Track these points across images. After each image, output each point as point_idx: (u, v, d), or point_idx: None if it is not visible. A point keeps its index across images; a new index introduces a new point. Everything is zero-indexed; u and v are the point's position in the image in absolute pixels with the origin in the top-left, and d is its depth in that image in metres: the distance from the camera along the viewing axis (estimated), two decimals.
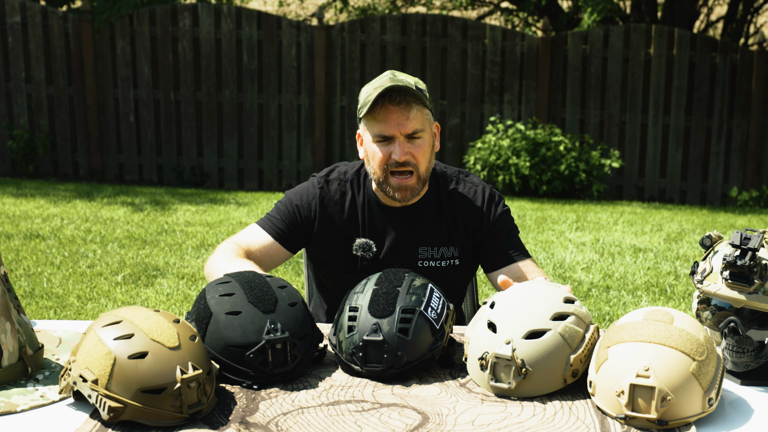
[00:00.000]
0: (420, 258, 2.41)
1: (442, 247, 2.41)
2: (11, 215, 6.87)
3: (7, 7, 8.85)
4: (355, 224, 2.41)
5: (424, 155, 2.32)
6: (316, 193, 2.42)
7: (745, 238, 1.83)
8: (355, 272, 2.39)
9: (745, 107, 8.91)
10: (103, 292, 4.91)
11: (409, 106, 2.27)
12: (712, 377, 1.70)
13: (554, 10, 11.17)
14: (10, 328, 1.80)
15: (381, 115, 2.28)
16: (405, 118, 2.27)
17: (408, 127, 2.28)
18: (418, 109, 2.29)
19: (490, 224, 2.42)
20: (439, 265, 2.41)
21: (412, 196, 2.34)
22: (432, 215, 2.42)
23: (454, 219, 2.43)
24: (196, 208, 7.58)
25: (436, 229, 2.42)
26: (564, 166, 8.46)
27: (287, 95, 9.09)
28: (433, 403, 1.75)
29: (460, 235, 2.42)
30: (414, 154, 2.30)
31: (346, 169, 2.48)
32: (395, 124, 2.27)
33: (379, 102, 2.27)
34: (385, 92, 2.25)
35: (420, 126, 2.30)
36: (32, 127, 9.06)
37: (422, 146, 2.31)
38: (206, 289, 1.92)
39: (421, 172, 2.32)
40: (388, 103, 2.27)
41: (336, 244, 2.41)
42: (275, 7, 15.01)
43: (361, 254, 2.38)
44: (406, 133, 2.28)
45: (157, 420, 1.62)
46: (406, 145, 2.29)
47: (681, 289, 5.33)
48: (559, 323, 1.80)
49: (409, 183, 2.32)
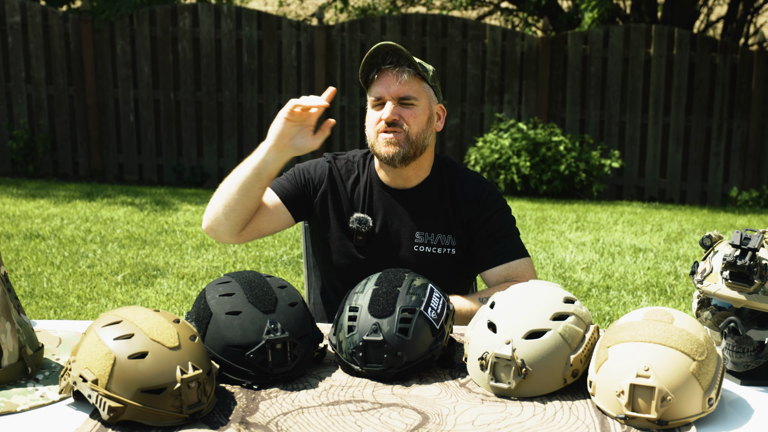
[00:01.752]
0: (416, 243, 2.41)
1: (440, 234, 2.41)
2: (11, 215, 6.87)
3: (7, 7, 8.85)
4: (356, 200, 2.44)
5: (416, 120, 2.33)
6: (326, 165, 2.46)
7: (745, 238, 1.83)
8: (349, 254, 2.41)
9: (745, 107, 8.91)
10: (103, 292, 4.91)
11: (402, 69, 2.30)
12: (712, 377, 1.70)
13: (554, 10, 11.18)
14: (10, 328, 1.80)
15: (376, 80, 2.33)
16: (395, 80, 2.30)
17: (400, 91, 2.30)
18: (412, 76, 2.31)
19: (483, 219, 2.40)
20: (435, 252, 2.41)
21: (398, 155, 2.33)
22: (432, 201, 2.43)
23: (452, 208, 2.42)
24: (196, 208, 7.58)
25: (435, 215, 2.42)
26: (564, 166, 8.46)
27: (287, 95, 9.09)
28: (433, 403, 1.75)
29: (457, 225, 2.42)
30: (404, 116, 2.31)
31: (355, 152, 2.52)
32: (386, 84, 2.31)
33: (374, 66, 2.31)
34: (377, 52, 2.29)
35: (413, 93, 2.32)
36: (32, 127, 9.06)
37: (414, 112, 2.32)
38: (206, 289, 1.93)
39: (411, 134, 2.32)
40: (382, 66, 2.31)
41: (335, 215, 2.43)
42: (275, 7, 15.01)
43: (356, 227, 2.40)
44: (398, 95, 2.30)
45: (157, 420, 1.62)
46: (397, 108, 2.32)
47: (681, 289, 5.33)
48: (559, 323, 1.80)
49: (397, 138, 2.31)
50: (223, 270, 5.48)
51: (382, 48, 2.28)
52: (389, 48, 2.28)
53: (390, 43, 2.28)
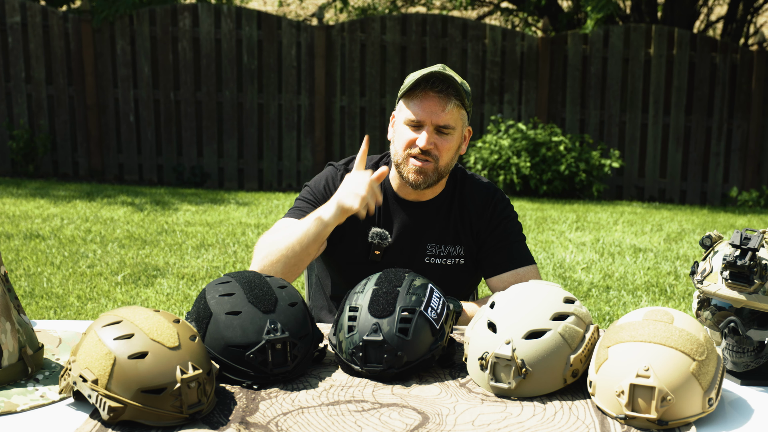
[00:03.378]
0: (427, 255, 2.41)
1: (449, 245, 2.42)
2: (11, 215, 6.87)
3: (7, 7, 8.85)
4: (373, 213, 2.40)
5: (448, 151, 2.32)
6: (338, 176, 2.43)
7: (745, 238, 1.83)
8: (363, 263, 2.39)
9: (745, 107, 8.91)
10: (103, 292, 4.91)
11: (449, 98, 2.28)
12: (712, 377, 1.70)
13: (554, 10, 11.17)
14: (10, 328, 1.80)
15: (418, 99, 2.29)
16: (441, 109, 2.28)
17: (441, 119, 2.28)
18: (455, 105, 2.29)
19: (492, 227, 2.41)
20: (445, 263, 2.41)
21: (425, 183, 2.33)
22: (444, 213, 2.43)
23: (461, 218, 2.43)
24: (196, 208, 7.58)
25: (445, 226, 2.42)
26: (564, 166, 8.46)
27: (287, 95, 9.09)
28: (433, 403, 1.75)
29: (467, 234, 2.43)
30: (438, 146, 2.30)
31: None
32: (429, 111, 2.28)
33: (421, 85, 2.28)
34: (430, 76, 2.26)
35: (453, 123, 2.30)
36: (32, 127, 9.06)
37: (449, 141, 2.31)
38: (206, 289, 1.93)
39: (440, 165, 2.32)
40: (429, 89, 2.28)
41: (352, 228, 2.40)
42: (275, 7, 15.01)
43: (377, 242, 2.38)
44: (438, 124, 2.29)
45: (157, 420, 1.62)
46: (434, 136, 2.30)
47: (681, 289, 5.33)
48: (559, 323, 1.80)
49: (427, 168, 2.31)
50: (223, 270, 5.48)
51: (435, 74, 2.25)
52: (441, 75, 2.26)
53: (442, 72, 2.26)
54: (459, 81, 2.29)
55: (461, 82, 2.30)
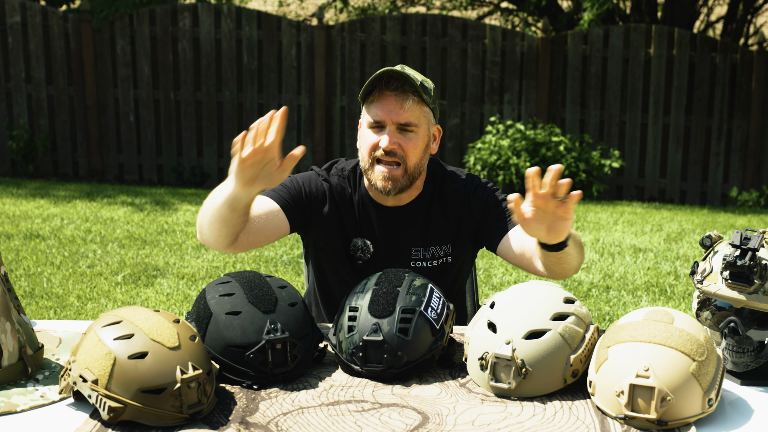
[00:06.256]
0: (413, 259, 2.38)
1: (433, 247, 2.38)
2: (11, 215, 6.87)
3: (7, 7, 8.85)
4: (352, 221, 2.38)
5: (414, 150, 2.26)
6: (323, 184, 2.38)
7: (745, 238, 1.83)
8: (350, 270, 2.38)
9: (745, 107, 8.91)
10: (103, 292, 4.91)
11: (406, 95, 2.23)
12: (712, 377, 1.70)
13: (554, 10, 11.17)
14: (10, 328, 1.80)
15: (377, 101, 2.25)
16: (399, 106, 2.23)
17: (401, 116, 2.23)
18: (415, 102, 2.24)
19: (484, 214, 2.38)
20: (431, 265, 2.39)
21: (395, 188, 2.28)
22: (424, 215, 2.39)
23: (445, 217, 2.39)
24: (196, 208, 7.58)
25: (428, 228, 2.39)
26: (564, 166, 8.46)
27: (287, 95, 9.09)
28: (433, 403, 1.75)
29: (452, 233, 2.39)
30: (403, 146, 2.25)
31: (343, 165, 2.44)
32: (388, 110, 2.24)
33: (377, 86, 2.24)
34: (383, 75, 2.22)
35: (414, 120, 2.25)
36: (32, 127, 9.06)
37: (413, 141, 2.26)
38: (206, 289, 1.93)
39: (408, 166, 2.26)
40: (385, 89, 2.24)
41: (335, 236, 2.38)
42: (275, 7, 15.01)
43: (359, 254, 2.37)
44: (399, 122, 2.24)
45: (157, 420, 1.62)
46: (396, 135, 2.25)
47: (681, 289, 5.33)
48: (559, 323, 1.80)
49: (395, 174, 2.25)
50: (223, 270, 5.48)
51: (388, 72, 2.22)
52: (395, 73, 2.22)
53: (397, 69, 2.22)
54: (419, 79, 2.25)
55: (422, 80, 2.26)
